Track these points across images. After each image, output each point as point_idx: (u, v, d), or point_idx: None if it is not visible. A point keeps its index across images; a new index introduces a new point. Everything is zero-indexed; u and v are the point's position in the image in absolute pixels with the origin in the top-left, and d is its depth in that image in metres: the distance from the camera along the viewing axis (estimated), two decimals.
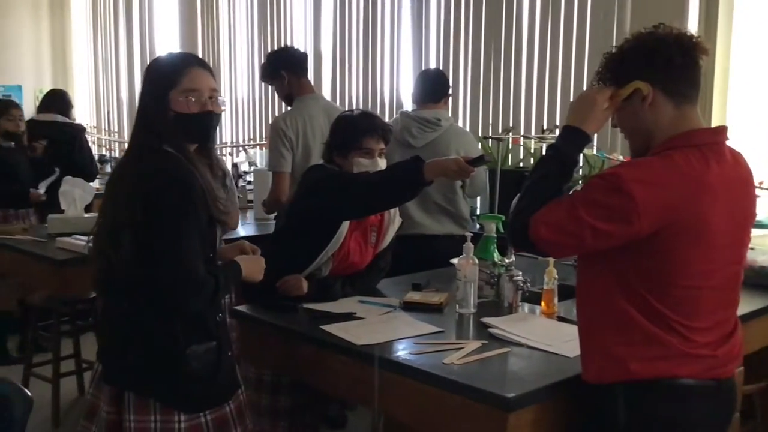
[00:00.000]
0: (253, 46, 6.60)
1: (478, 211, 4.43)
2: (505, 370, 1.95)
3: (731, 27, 3.90)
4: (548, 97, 4.61)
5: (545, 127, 4.47)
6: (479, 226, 3.64)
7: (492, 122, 4.89)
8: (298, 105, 3.83)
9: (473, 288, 2.41)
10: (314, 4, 6.01)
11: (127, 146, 2.06)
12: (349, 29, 5.76)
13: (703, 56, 1.75)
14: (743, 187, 1.80)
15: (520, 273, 2.47)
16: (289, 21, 6.28)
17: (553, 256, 2.13)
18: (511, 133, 4.28)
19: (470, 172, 2.44)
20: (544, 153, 1.88)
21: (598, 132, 1.90)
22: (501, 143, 4.11)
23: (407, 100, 5.27)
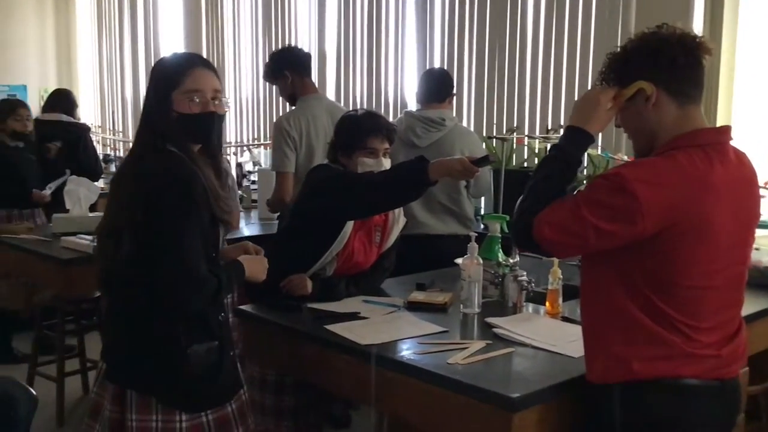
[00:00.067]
0: (258, 46, 6.60)
1: (483, 211, 4.43)
2: (509, 370, 1.95)
3: (736, 26, 3.89)
4: (553, 97, 4.60)
5: (550, 127, 4.46)
6: (483, 226, 3.65)
7: (496, 122, 4.89)
8: (301, 105, 3.83)
9: (477, 288, 2.41)
10: (319, 4, 6.00)
11: (131, 146, 2.06)
12: (353, 29, 5.76)
13: (706, 56, 1.75)
14: (747, 187, 1.80)
15: (524, 273, 2.47)
16: (293, 21, 6.28)
17: (556, 257, 2.12)
18: (515, 133, 4.26)
19: (475, 172, 2.43)
20: (548, 153, 1.88)
21: (601, 132, 1.90)
22: (505, 143, 4.10)
23: (411, 100, 5.28)
